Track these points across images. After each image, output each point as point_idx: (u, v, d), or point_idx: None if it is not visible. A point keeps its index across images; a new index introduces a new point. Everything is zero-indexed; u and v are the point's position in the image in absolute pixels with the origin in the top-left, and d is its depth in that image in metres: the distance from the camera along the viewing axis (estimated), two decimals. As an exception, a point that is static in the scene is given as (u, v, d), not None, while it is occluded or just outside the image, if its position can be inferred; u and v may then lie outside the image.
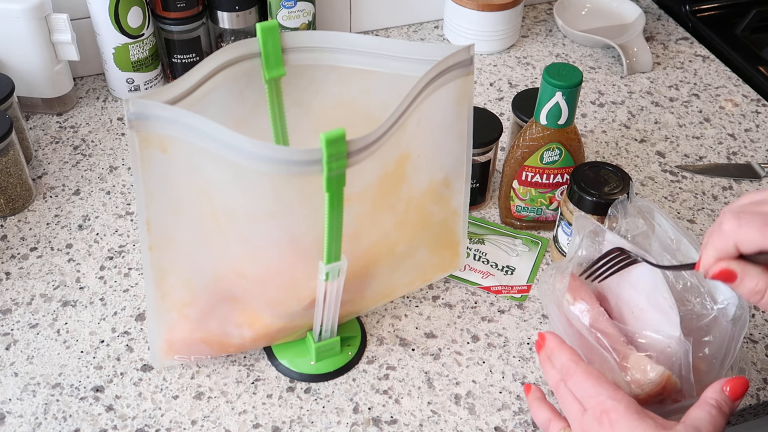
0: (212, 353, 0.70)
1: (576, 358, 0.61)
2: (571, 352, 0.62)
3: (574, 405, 0.60)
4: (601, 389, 0.58)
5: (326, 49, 0.63)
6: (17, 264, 0.81)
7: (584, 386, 0.59)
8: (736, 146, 0.99)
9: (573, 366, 0.61)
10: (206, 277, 0.64)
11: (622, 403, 0.57)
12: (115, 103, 1.01)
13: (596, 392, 0.58)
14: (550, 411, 0.64)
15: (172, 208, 0.59)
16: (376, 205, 0.62)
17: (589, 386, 0.59)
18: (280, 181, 0.54)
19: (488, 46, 1.12)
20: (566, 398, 0.61)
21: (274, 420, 0.68)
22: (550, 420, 0.63)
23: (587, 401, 0.59)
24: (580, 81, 0.74)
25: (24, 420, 0.68)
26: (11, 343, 0.73)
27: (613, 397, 0.57)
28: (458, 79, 0.62)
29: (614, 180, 0.75)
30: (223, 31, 1.02)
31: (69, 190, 0.89)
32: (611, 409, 0.57)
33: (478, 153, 0.83)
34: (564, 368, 0.61)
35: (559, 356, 0.62)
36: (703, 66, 1.13)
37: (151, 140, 0.54)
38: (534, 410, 0.65)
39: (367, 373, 0.72)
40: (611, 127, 1.01)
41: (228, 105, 0.62)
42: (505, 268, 0.82)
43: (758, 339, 0.76)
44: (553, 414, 0.63)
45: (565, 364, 0.61)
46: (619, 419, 0.56)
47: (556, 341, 0.64)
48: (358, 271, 0.65)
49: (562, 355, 0.62)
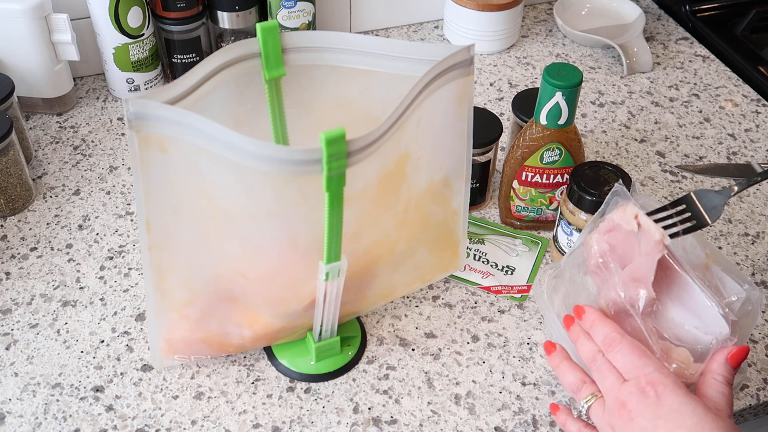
0: (212, 353, 0.70)
1: (621, 330, 0.59)
2: (615, 325, 0.59)
3: (612, 375, 0.57)
4: (648, 362, 0.56)
5: (326, 49, 0.63)
6: (17, 264, 0.81)
7: (630, 357, 0.57)
8: (736, 146, 0.99)
9: (618, 337, 0.58)
10: (206, 277, 0.64)
11: (670, 378, 0.55)
12: (115, 103, 1.01)
13: (642, 364, 0.56)
14: (581, 373, 0.61)
15: (172, 207, 0.59)
16: (376, 205, 0.62)
17: (635, 357, 0.56)
18: (280, 180, 0.54)
19: (488, 46, 1.12)
20: (603, 368, 0.58)
21: (274, 420, 0.68)
22: (583, 382, 0.60)
23: (630, 372, 0.56)
24: (580, 81, 0.74)
25: (24, 420, 0.68)
26: (11, 343, 0.73)
27: (660, 370, 0.55)
28: (458, 79, 0.62)
29: (614, 179, 0.75)
30: (223, 31, 1.02)
31: (69, 190, 0.89)
32: (658, 382, 0.54)
33: (478, 153, 0.83)
34: (607, 339, 0.59)
35: (602, 327, 0.59)
36: (703, 66, 1.13)
37: (150, 140, 0.54)
38: (562, 371, 0.62)
39: (367, 373, 0.72)
40: (611, 127, 1.01)
41: (228, 105, 0.62)
42: (505, 268, 0.82)
43: (758, 339, 0.76)
44: (585, 377, 0.60)
45: (609, 335, 0.59)
46: (667, 393, 0.54)
47: (597, 313, 0.61)
48: (358, 271, 0.65)
49: (605, 327, 0.59)
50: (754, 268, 0.83)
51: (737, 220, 0.89)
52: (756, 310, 0.64)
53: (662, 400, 0.54)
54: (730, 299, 0.64)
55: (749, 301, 0.64)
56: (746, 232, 0.87)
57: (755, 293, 0.64)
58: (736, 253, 0.85)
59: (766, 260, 0.84)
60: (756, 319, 0.64)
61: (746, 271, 0.83)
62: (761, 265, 0.84)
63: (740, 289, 0.64)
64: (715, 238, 0.86)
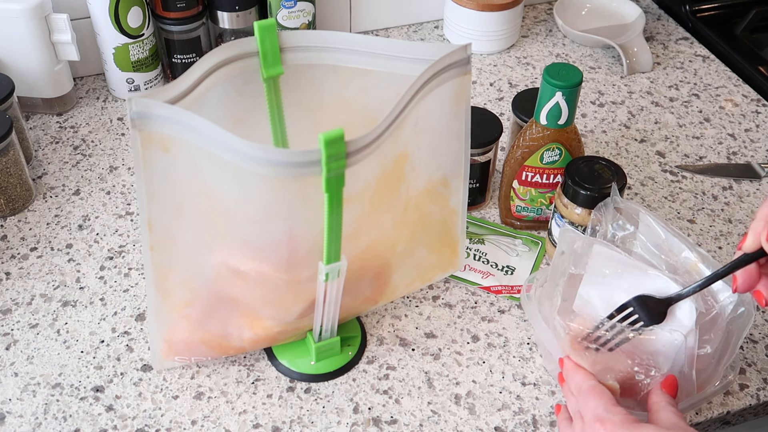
0: (212, 355, 0.70)
1: (590, 377, 0.62)
2: (585, 373, 0.62)
3: (578, 423, 0.60)
4: (600, 402, 0.58)
5: (324, 49, 0.63)
6: (17, 264, 0.81)
7: (589, 401, 0.59)
8: (736, 146, 0.99)
9: (584, 385, 0.61)
10: (207, 278, 0.64)
11: (618, 415, 0.57)
12: (115, 103, 1.01)
13: (595, 405, 0.59)
14: None
15: (174, 208, 0.59)
16: (375, 205, 0.62)
17: (590, 399, 0.59)
18: (280, 183, 0.54)
19: (488, 46, 1.12)
20: (575, 422, 0.61)
21: (274, 420, 0.68)
22: None
23: (586, 415, 0.59)
24: (580, 81, 0.74)
25: (24, 420, 0.68)
26: (11, 343, 0.73)
27: (609, 409, 0.58)
28: (455, 78, 0.62)
29: (608, 174, 0.76)
30: (223, 31, 1.02)
31: (69, 190, 0.89)
32: (606, 419, 0.57)
33: (478, 153, 0.83)
34: (576, 389, 0.62)
35: (574, 377, 0.63)
36: (703, 66, 1.13)
37: (153, 140, 0.55)
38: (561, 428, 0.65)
39: (367, 373, 0.72)
40: (611, 127, 1.01)
41: (226, 103, 0.63)
42: (505, 268, 0.82)
43: (758, 339, 0.76)
44: None
45: (577, 385, 0.62)
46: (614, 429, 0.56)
47: (569, 364, 0.64)
48: (357, 271, 0.65)
49: (576, 376, 0.62)
50: (754, 268, 0.83)
51: (737, 220, 0.89)
52: (749, 310, 0.64)
53: None
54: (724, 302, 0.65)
55: (742, 302, 0.64)
56: (746, 232, 0.87)
57: (747, 295, 0.64)
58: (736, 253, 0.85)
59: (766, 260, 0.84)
60: (750, 320, 0.64)
61: (746, 271, 0.83)
62: (761, 265, 0.83)
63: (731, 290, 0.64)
64: (715, 238, 0.86)
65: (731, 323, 0.64)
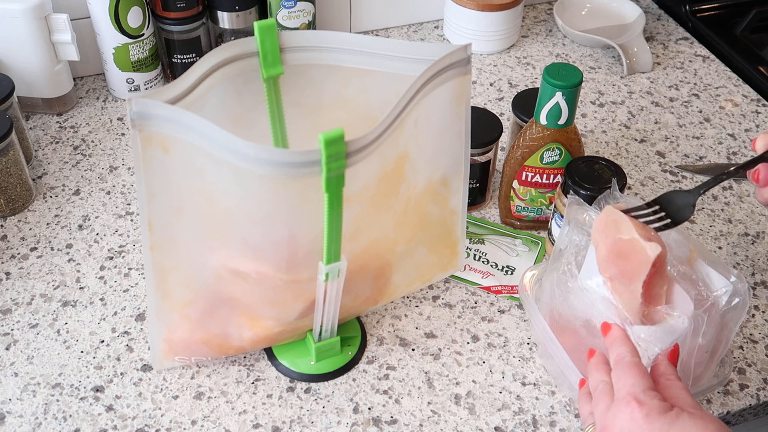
0: (212, 355, 0.70)
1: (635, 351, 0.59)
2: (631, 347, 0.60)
3: (604, 401, 0.57)
4: (640, 381, 0.56)
5: (324, 49, 0.63)
6: (17, 264, 0.81)
7: (625, 376, 0.57)
8: (736, 146, 0.99)
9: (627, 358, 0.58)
10: (207, 277, 0.64)
11: (655, 400, 0.55)
12: (115, 103, 1.01)
13: (633, 383, 0.56)
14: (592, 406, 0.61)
15: (174, 208, 0.59)
16: (376, 205, 0.62)
17: (630, 376, 0.57)
18: (280, 183, 0.54)
19: (488, 46, 1.12)
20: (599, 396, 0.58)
21: (274, 420, 0.68)
22: (590, 413, 0.61)
23: (621, 391, 0.56)
24: (580, 81, 0.74)
25: (24, 420, 0.68)
26: (11, 343, 0.73)
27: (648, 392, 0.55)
28: (455, 78, 0.62)
29: (608, 174, 0.76)
30: (223, 31, 1.02)
31: (69, 190, 0.89)
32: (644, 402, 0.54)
33: (478, 153, 0.83)
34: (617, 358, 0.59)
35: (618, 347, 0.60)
36: (703, 66, 1.13)
37: (153, 140, 0.55)
38: (580, 403, 0.63)
39: (367, 373, 0.72)
40: (611, 127, 1.01)
41: (226, 103, 0.63)
42: (505, 268, 0.82)
43: (758, 339, 0.76)
44: None
45: (619, 355, 0.59)
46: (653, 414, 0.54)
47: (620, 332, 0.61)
48: (357, 271, 0.65)
49: (621, 347, 0.60)
50: (754, 268, 0.83)
51: (737, 220, 0.89)
52: (744, 301, 0.64)
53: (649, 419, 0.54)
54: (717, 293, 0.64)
55: (737, 292, 0.64)
56: (746, 232, 0.87)
57: (742, 285, 0.64)
58: (736, 253, 0.85)
59: (766, 260, 0.84)
60: (744, 311, 0.64)
61: (746, 271, 0.83)
62: (761, 265, 0.84)
63: (726, 282, 0.64)
64: (715, 238, 0.86)
65: (726, 314, 0.64)
